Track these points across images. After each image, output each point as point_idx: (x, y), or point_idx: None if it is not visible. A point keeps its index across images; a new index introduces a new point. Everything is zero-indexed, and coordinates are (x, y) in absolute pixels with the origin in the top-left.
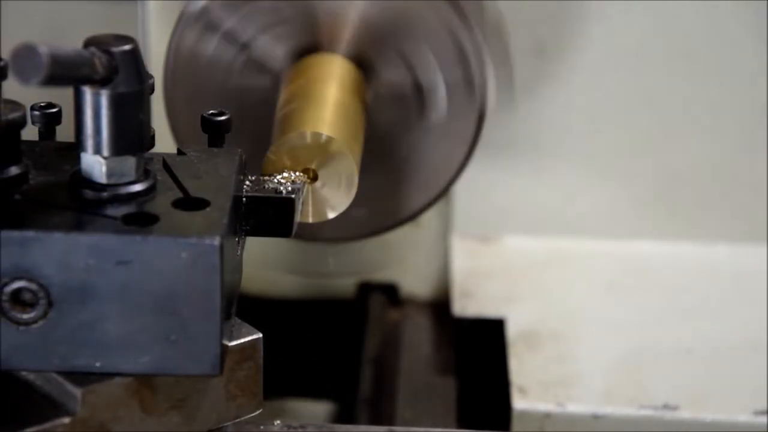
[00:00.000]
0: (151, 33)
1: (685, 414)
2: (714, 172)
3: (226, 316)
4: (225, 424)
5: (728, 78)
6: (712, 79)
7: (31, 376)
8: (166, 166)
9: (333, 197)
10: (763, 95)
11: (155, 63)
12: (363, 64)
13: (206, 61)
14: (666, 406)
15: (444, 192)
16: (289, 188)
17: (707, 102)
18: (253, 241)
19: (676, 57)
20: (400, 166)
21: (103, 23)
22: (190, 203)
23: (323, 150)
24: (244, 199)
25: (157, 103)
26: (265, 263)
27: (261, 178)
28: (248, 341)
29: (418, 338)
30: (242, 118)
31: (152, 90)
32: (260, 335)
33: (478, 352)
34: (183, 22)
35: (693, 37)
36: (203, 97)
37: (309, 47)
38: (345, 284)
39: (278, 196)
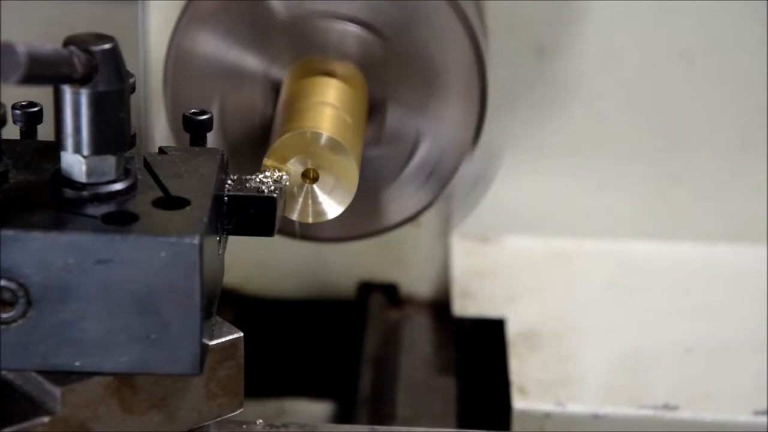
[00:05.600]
0: (151, 33)
1: (685, 414)
2: (714, 172)
3: (207, 315)
4: (206, 423)
5: (728, 78)
6: (713, 80)
7: (10, 375)
8: (147, 165)
9: (333, 197)
10: (763, 95)
11: (155, 63)
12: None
13: (206, 60)
14: (666, 406)
15: (444, 192)
16: (271, 187)
17: (707, 102)
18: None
19: (676, 57)
20: (399, 166)
21: (103, 23)
22: (170, 202)
23: (323, 150)
24: (225, 198)
25: (158, 103)
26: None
27: (243, 177)
28: (229, 340)
29: (418, 338)
30: (242, 118)
31: (133, 89)
32: (241, 334)
33: (478, 352)
34: (183, 22)
35: (693, 37)
36: (203, 96)
37: (307, 47)
38: (345, 284)
39: (260, 195)
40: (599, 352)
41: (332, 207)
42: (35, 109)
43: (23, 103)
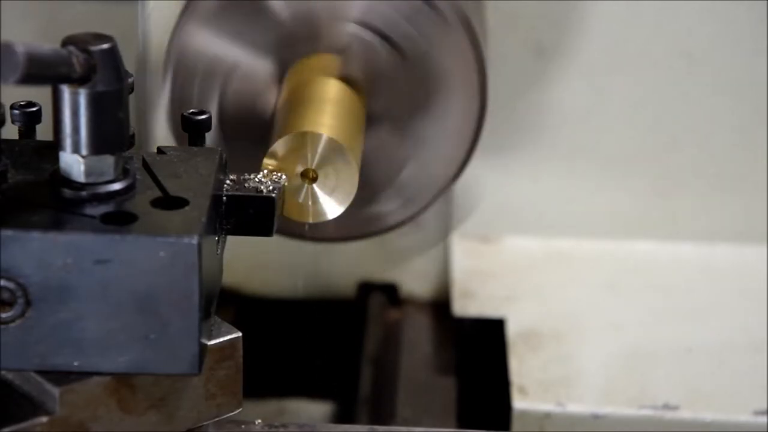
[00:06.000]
0: (151, 33)
1: (685, 414)
2: (714, 173)
3: (206, 315)
4: (205, 423)
5: (728, 78)
6: (713, 79)
7: (9, 375)
8: (146, 165)
9: (333, 197)
10: (763, 95)
11: (155, 63)
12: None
13: (206, 61)
14: (666, 406)
15: (444, 192)
16: (270, 187)
17: (707, 102)
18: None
19: (676, 57)
20: (400, 166)
21: (103, 23)
22: (169, 202)
23: (323, 150)
24: (224, 198)
25: (158, 103)
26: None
27: (241, 177)
28: (227, 340)
29: (418, 338)
30: (242, 119)
31: (132, 89)
32: (240, 334)
33: (478, 352)
34: (183, 22)
35: (693, 37)
36: (203, 97)
37: (307, 47)
38: (345, 284)
39: (258, 195)
40: (599, 352)
41: (332, 207)
42: (34, 108)
43: (22, 103)
